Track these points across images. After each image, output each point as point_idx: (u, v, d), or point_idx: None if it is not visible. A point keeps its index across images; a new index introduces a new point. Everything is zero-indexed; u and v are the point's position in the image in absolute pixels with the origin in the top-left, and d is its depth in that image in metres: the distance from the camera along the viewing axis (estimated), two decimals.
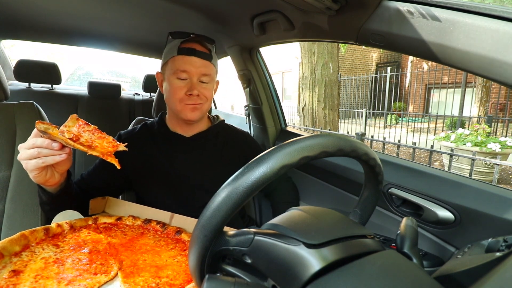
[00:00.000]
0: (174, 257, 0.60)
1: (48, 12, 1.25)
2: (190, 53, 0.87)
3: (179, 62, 0.87)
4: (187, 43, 0.89)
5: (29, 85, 2.11)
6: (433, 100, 10.44)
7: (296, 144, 0.36)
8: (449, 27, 0.52)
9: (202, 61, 0.88)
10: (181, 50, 0.87)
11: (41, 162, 0.60)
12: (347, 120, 7.89)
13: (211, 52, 0.92)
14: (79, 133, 0.61)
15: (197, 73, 0.87)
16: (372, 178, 0.50)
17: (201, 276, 0.39)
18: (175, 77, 0.88)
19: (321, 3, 0.68)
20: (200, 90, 0.88)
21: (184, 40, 0.90)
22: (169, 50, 0.90)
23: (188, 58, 0.87)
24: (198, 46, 0.89)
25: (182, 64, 0.86)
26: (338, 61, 5.06)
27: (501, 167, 4.36)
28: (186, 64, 0.86)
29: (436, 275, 0.44)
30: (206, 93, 0.90)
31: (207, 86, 0.91)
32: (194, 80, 0.88)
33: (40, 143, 0.59)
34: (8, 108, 0.95)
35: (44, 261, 0.54)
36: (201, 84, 0.89)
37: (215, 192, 0.37)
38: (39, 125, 0.58)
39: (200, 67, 0.88)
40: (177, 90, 0.87)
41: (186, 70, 0.87)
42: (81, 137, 0.61)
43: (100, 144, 0.63)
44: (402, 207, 0.85)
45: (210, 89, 0.92)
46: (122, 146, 0.64)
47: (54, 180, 0.66)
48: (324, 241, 0.36)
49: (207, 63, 0.89)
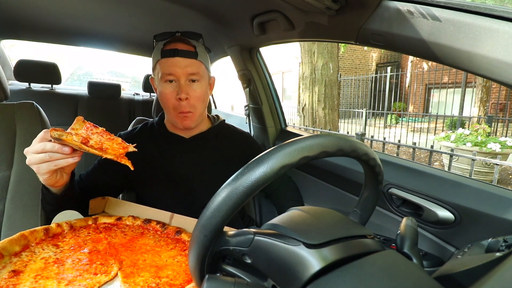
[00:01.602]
0: (174, 257, 0.60)
1: (48, 12, 1.25)
2: (173, 54, 0.83)
3: (164, 65, 0.84)
4: (169, 44, 0.85)
5: (29, 85, 2.11)
6: (433, 100, 10.44)
7: (296, 144, 0.36)
8: (449, 27, 0.52)
9: (186, 60, 0.84)
10: (164, 52, 0.84)
11: (53, 165, 0.60)
12: (347, 120, 7.89)
13: (196, 48, 0.87)
14: (88, 135, 0.61)
15: (183, 73, 0.84)
16: (372, 178, 0.50)
17: (201, 276, 0.39)
18: (163, 81, 0.85)
19: (321, 3, 0.68)
20: (189, 92, 0.85)
21: (167, 41, 0.86)
22: (155, 54, 0.87)
23: (171, 59, 0.83)
24: (181, 45, 0.85)
25: (167, 67, 0.84)
26: (338, 61, 5.06)
27: (501, 167, 4.36)
28: (171, 67, 0.83)
29: (436, 275, 0.44)
30: (195, 95, 0.87)
31: (198, 85, 0.87)
32: (182, 81, 0.85)
33: (50, 148, 0.59)
34: (8, 108, 0.95)
35: (44, 261, 0.54)
36: (191, 85, 0.86)
37: (215, 192, 0.37)
38: (53, 132, 0.58)
39: (185, 67, 0.84)
40: (167, 95, 0.86)
41: (171, 72, 0.84)
42: (90, 140, 0.61)
43: (110, 146, 0.63)
44: (402, 207, 0.85)
45: (202, 88, 0.89)
46: (131, 147, 0.65)
47: (62, 181, 0.67)
48: (324, 241, 0.36)
49: (193, 61, 0.85)
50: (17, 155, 0.91)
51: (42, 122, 0.98)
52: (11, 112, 0.95)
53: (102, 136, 0.63)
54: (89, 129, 0.62)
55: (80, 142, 0.59)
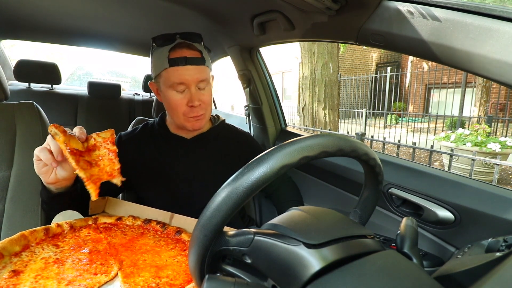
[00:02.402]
0: (174, 257, 0.60)
1: (48, 12, 1.25)
2: (183, 63, 0.81)
3: (173, 74, 0.82)
4: (176, 51, 0.82)
5: (29, 85, 2.11)
6: (433, 100, 10.44)
7: (296, 144, 0.36)
8: (449, 27, 0.52)
9: (196, 67, 0.83)
10: (173, 61, 0.81)
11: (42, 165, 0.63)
12: (347, 120, 7.89)
13: (202, 53, 0.86)
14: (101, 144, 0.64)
15: (193, 81, 0.83)
16: (372, 178, 0.50)
17: (201, 276, 0.39)
18: (172, 90, 0.83)
19: (321, 3, 0.68)
20: (200, 98, 0.84)
21: (172, 48, 0.83)
22: (158, 60, 0.84)
23: (182, 68, 0.81)
24: (188, 52, 0.83)
25: (177, 76, 0.81)
26: (338, 61, 5.06)
27: (501, 167, 4.36)
28: (182, 76, 0.81)
29: (436, 275, 0.44)
30: (205, 99, 0.86)
31: (206, 91, 0.87)
32: (193, 89, 0.83)
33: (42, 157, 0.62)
34: (8, 108, 0.95)
35: (44, 261, 0.54)
36: (200, 91, 0.85)
37: (215, 192, 0.37)
38: (51, 128, 0.59)
39: (196, 75, 0.83)
40: (177, 103, 0.84)
41: (182, 82, 0.82)
42: (95, 151, 0.64)
43: (103, 165, 0.64)
44: (402, 207, 0.85)
45: (209, 93, 0.89)
46: (118, 179, 0.65)
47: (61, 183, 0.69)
48: (324, 241, 0.36)
49: (202, 67, 0.84)
50: (17, 155, 0.91)
51: (42, 122, 0.97)
52: (11, 112, 0.95)
53: (109, 154, 0.65)
54: (106, 142, 0.65)
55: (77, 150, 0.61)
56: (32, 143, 0.93)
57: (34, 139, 0.93)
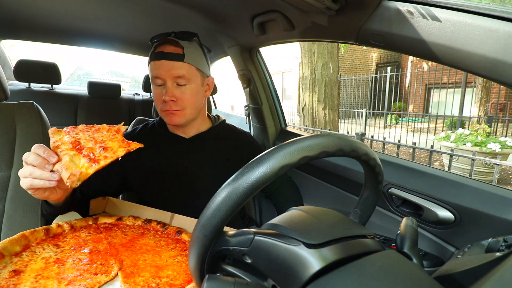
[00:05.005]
0: (174, 257, 0.60)
1: (48, 12, 1.26)
2: (159, 57, 0.83)
3: (151, 68, 0.86)
4: (159, 47, 0.85)
5: (29, 85, 2.11)
6: (433, 100, 10.43)
7: (296, 144, 0.36)
8: (449, 27, 0.52)
9: (172, 63, 0.83)
10: (153, 55, 0.85)
11: (29, 184, 0.55)
12: (347, 120, 7.89)
13: (184, 50, 0.85)
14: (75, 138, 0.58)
15: (169, 76, 0.84)
16: (372, 178, 0.50)
17: (201, 276, 0.39)
18: (153, 83, 0.88)
19: (321, 3, 0.68)
20: (174, 94, 0.84)
21: (157, 44, 0.86)
22: (149, 56, 0.89)
23: (158, 62, 0.83)
24: (168, 47, 0.84)
25: (153, 70, 0.85)
26: (338, 61, 5.06)
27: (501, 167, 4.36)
28: (157, 69, 0.84)
29: (436, 275, 0.44)
30: (182, 96, 0.85)
31: (186, 88, 0.86)
32: (169, 84, 0.84)
33: (32, 160, 0.55)
34: (8, 108, 0.95)
35: (44, 261, 0.54)
36: (179, 88, 0.85)
37: (215, 192, 0.37)
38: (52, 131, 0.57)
39: (170, 70, 0.83)
40: (156, 97, 0.88)
41: (158, 75, 0.84)
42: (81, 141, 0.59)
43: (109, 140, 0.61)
44: (402, 207, 0.85)
45: (190, 90, 0.87)
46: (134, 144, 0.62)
47: (56, 196, 0.63)
48: (324, 241, 0.36)
49: (179, 64, 0.84)
50: (17, 155, 0.91)
51: (42, 122, 0.98)
52: (11, 112, 0.95)
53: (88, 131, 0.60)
54: (70, 132, 0.59)
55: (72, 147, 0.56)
56: (32, 143, 0.92)
57: (34, 139, 0.93)
